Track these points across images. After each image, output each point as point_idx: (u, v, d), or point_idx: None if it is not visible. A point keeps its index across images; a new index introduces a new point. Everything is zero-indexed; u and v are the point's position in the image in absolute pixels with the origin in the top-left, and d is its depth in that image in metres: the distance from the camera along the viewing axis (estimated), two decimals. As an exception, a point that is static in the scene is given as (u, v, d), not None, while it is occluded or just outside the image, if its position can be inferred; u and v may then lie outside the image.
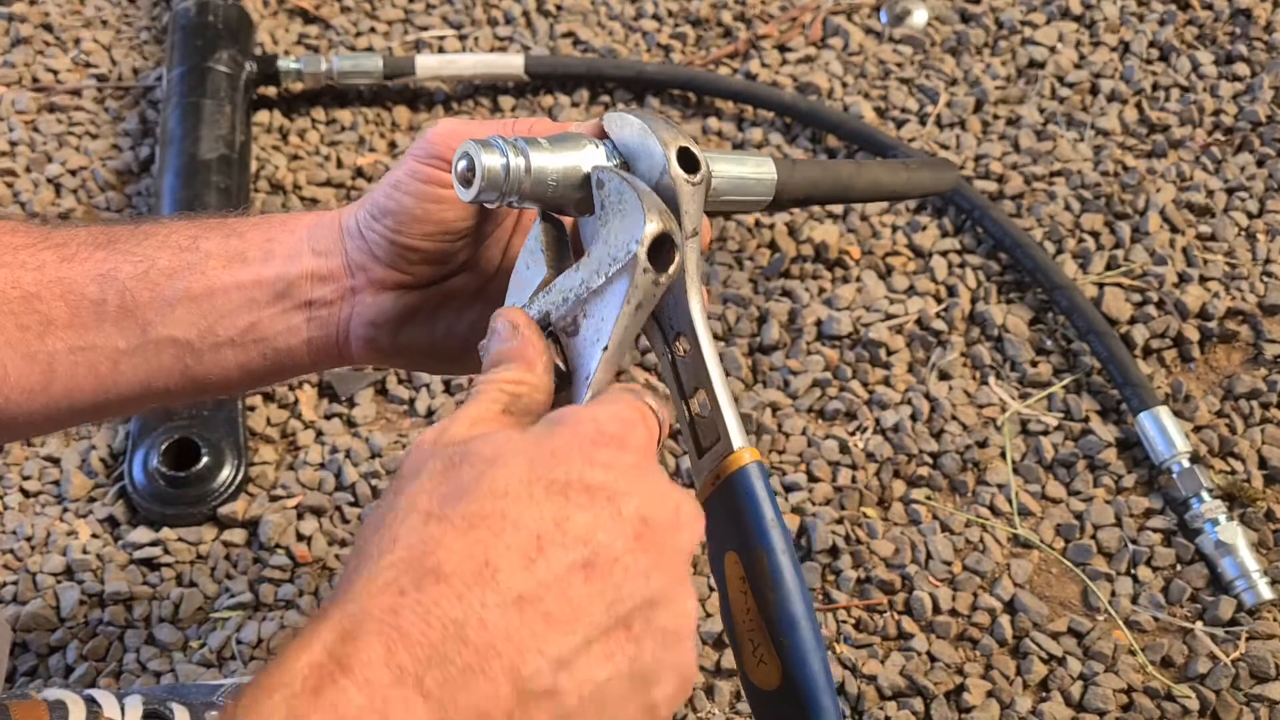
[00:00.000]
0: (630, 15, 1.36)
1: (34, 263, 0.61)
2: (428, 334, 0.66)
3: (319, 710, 0.37)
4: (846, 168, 0.62)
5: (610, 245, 0.53)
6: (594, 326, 0.52)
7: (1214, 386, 1.07)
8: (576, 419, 0.46)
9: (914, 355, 1.09)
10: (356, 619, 0.40)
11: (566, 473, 0.43)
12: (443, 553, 0.41)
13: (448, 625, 0.40)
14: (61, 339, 0.61)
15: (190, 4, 1.27)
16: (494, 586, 0.40)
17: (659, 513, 0.44)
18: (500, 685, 0.40)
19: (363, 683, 0.38)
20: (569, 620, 0.41)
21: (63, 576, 0.98)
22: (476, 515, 0.42)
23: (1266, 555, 0.97)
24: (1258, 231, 1.15)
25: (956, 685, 0.91)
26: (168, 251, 0.63)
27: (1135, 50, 1.29)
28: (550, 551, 0.42)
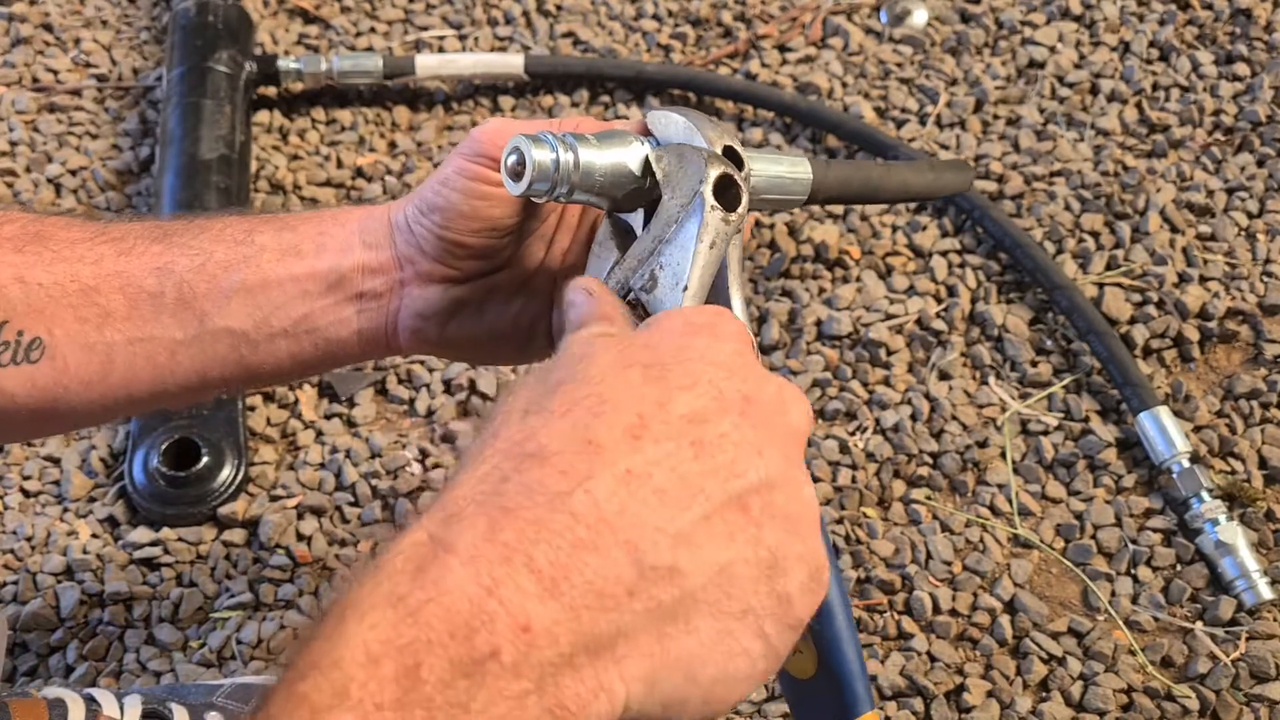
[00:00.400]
0: (630, 15, 1.36)
1: (91, 256, 0.63)
2: (474, 326, 0.67)
3: (420, 587, 0.36)
4: (876, 169, 0.64)
5: (676, 196, 0.55)
6: (671, 272, 0.54)
7: (1214, 386, 1.07)
8: (662, 317, 0.46)
9: (914, 355, 1.09)
10: (458, 503, 0.39)
11: (661, 358, 0.42)
12: (543, 436, 0.40)
13: (554, 500, 0.38)
14: (120, 330, 0.62)
15: (190, 4, 1.27)
16: (600, 461, 0.39)
17: (762, 393, 0.43)
18: (617, 561, 0.38)
19: (467, 559, 0.37)
20: (683, 496, 0.39)
21: (63, 576, 0.98)
22: (574, 400, 0.41)
23: (1266, 555, 0.97)
24: (1258, 231, 1.15)
25: (956, 685, 0.91)
26: (223, 245, 0.64)
27: (1135, 50, 1.29)
28: (654, 428, 0.40)
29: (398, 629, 0.36)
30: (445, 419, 1.06)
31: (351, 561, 0.94)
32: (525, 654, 0.36)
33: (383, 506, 1.01)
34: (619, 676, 0.38)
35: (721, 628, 0.39)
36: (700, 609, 0.39)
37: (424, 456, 1.04)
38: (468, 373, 1.08)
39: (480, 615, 0.36)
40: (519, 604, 0.36)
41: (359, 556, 0.99)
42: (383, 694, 0.35)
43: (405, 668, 0.35)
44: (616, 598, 0.37)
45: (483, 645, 0.36)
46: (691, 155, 0.55)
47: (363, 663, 0.35)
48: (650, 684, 0.38)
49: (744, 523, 0.40)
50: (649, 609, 0.38)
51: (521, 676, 0.36)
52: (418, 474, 1.02)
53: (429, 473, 1.02)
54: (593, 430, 0.40)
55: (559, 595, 0.37)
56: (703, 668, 0.39)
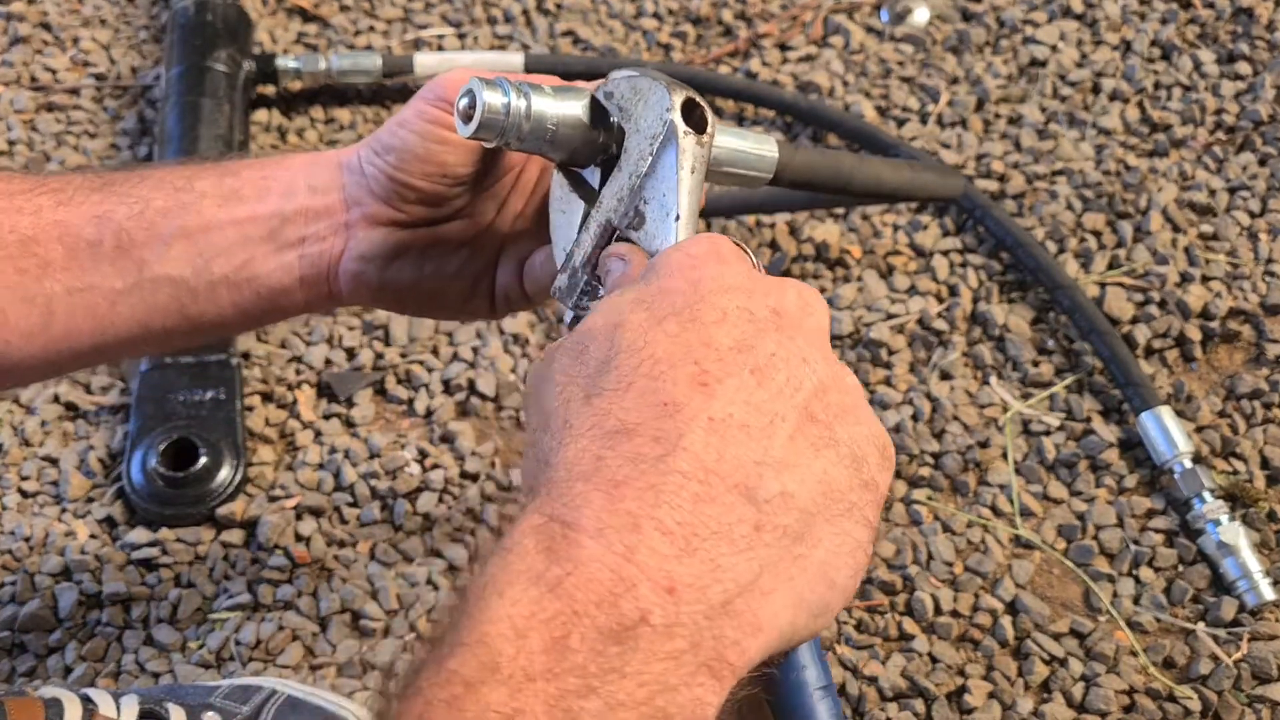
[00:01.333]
0: (630, 14, 1.36)
1: (30, 207, 0.62)
2: (414, 273, 0.67)
3: (556, 563, 0.37)
4: (849, 159, 0.63)
5: (642, 130, 0.54)
6: (658, 205, 0.54)
7: (1216, 386, 1.06)
8: (664, 260, 0.47)
9: (915, 355, 1.09)
10: (565, 485, 0.40)
11: (685, 300, 0.44)
12: (619, 413, 0.41)
13: (658, 464, 0.39)
14: (59, 280, 0.62)
15: (189, 3, 1.27)
16: (683, 418, 0.40)
17: (785, 301, 0.45)
18: (736, 505, 0.39)
19: (595, 532, 0.38)
20: (764, 424, 0.41)
21: (61, 577, 0.97)
22: (629, 372, 0.42)
23: (1269, 556, 0.97)
24: (1260, 231, 1.15)
25: (958, 686, 0.91)
26: (163, 192, 0.64)
27: (1137, 49, 1.29)
28: (714, 370, 0.42)
29: (540, 603, 0.36)
30: (444, 419, 1.06)
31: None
32: (675, 613, 0.37)
33: (381, 507, 1.01)
34: (770, 607, 0.39)
35: (837, 530, 0.42)
36: (817, 521, 0.41)
37: (423, 457, 1.03)
38: (467, 373, 1.08)
39: (622, 583, 0.37)
40: (658, 566, 0.37)
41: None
42: (533, 665, 0.35)
43: (553, 639, 0.36)
44: (749, 537, 0.39)
45: (630, 610, 0.36)
46: (648, 86, 0.55)
47: (510, 637, 0.36)
48: (797, 604, 0.40)
49: (819, 430, 0.42)
50: (777, 537, 0.40)
51: (675, 636, 0.37)
52: (416, 474, 1.02)
53: (428, 473, 1.02)
54: (662, 392, 0.41)
55: (694, 551, 0.38)
56: (837, 572, 0.42)
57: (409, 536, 0.99)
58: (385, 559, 0.98)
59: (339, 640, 0.94)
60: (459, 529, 0.99)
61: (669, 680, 0.36)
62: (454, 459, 1.03)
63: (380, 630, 0.94)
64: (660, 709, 0.36)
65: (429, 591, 0.96)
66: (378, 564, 0.98)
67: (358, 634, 0.95)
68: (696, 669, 0.37)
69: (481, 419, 1.06)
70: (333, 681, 0.91)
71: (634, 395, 0.41)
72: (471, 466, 1.03)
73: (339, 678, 0.92)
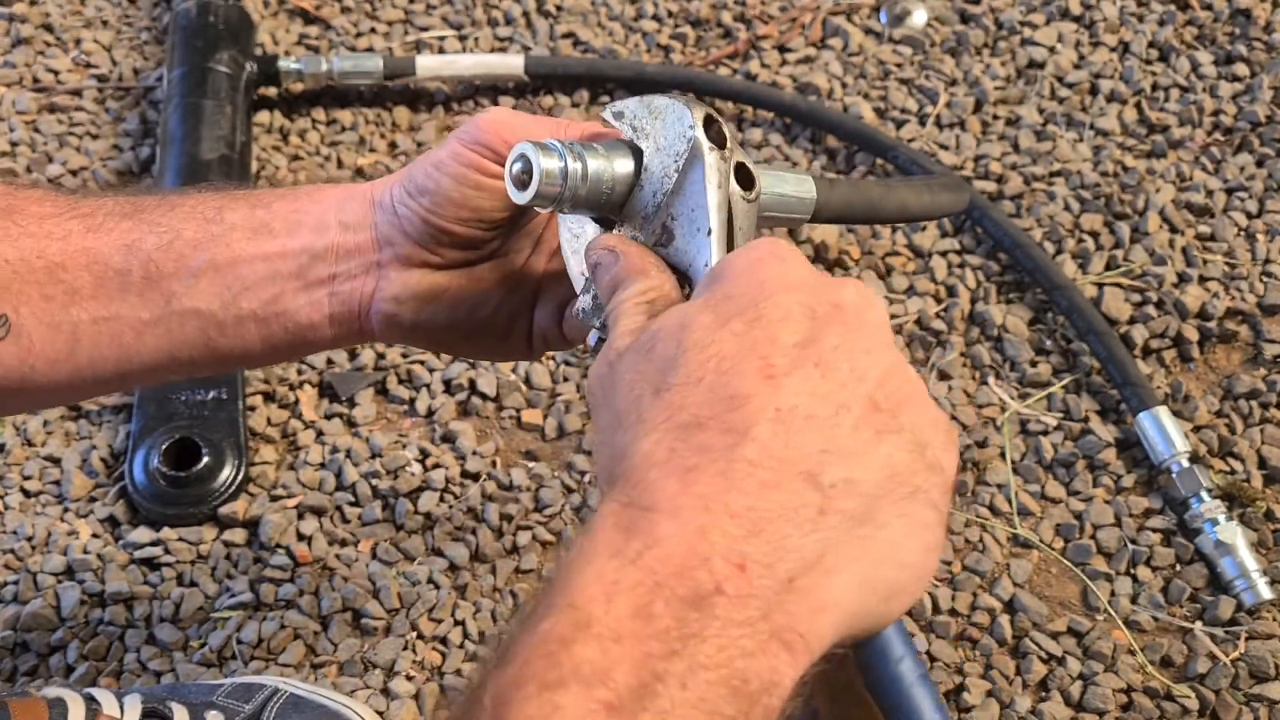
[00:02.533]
0: (630, 16, 1.36)
1: (59, 233, 0.62)
2: (449, 315, 0.66)
3: (635, 539, 0.40)
4: (877, 189, 0.64)
5: (663, 149, 0.54)
6: (687, 221, 0.53)
7: (1213, 386, 1.07)
8: (727, 265, 0.48)
9: (914, 355, 1.09)
10: (641, 473, 0.42)
11: (750, 300, 0.45)
12: (691, 407, 0.43)
13: (728, 453, 0.41)
14: (86, 309, 0.61)
15: (191, 4, 1.27)
16: (751, 410, 0.42)
17: (844, 297, 0.46)
18: (800, 490, 0.41)
19: (670, 512, 0.40)
20: (829, 414, 0.43)
21: (63, 576, 0.98)
22: (697, 368, 0.44)
23: (1266, 555, 0.97)
24: (1257, 231, 1.15)
25: (956, 685, 0.91)
26: (193, 223, 0.63)
27: (1135, 50, 1.30)
28: (779, 364, 0.43)
29: (623, 573, 0.39)
30: (445, 419, 1.06)
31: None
32: (746, 586, 0.39)
33: (383, 506, 1.01)
34: (832, 586, 0.41)
35: (902, 512, 0.43)
36: (882, 505, 0.43)
37: (424, 456, 1.04)
38: (468, 373, 1.08)
39: (696, 557, 0.39)
40: (728, 545, 0.39)
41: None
42: (621, 627, 0.38)
43: (638, 604, 0.38)
44: (813, 520, 0.41)
45: (706, 581, 0.39)
46: (664, 105, 0.54)
47: (599, 599, 0.38)
48: (864, 584, 0.42)
49: (882, 418, 0.44)
50: (842, 521, 0.42)
51: (748, 606, 0.39)
52: (418, 474, 1.02)
53: (429, 472, 1.02)
54: (731, 386, 0.43)
55: (761, 532, 0.40)
56: (904, 552, 0.43)
57: (410, 536, 1.00)
58: (387, 558, 0.98)
59: (340, 639, 0.94)
60: (460, 528, 1.00)
61: (745, 645, 0.38)
62: (455, 458, 1.04)
63: (381, 629, 0.95)
64: (739, 671, 0.38)
65: (430, 590, 0.96)
66: (379, 563, 0.98)
67: (359, 633, 0.95)
68: (770, 638, 0.39)
69: (482, 419, 1.07)
70: (334, 680, 0.92)
71: (704, 389, 0.43)
72: (472, 466, 1.03)
73: (340, 676, 0.92)
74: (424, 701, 0.91)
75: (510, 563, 0.98)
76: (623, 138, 0.56)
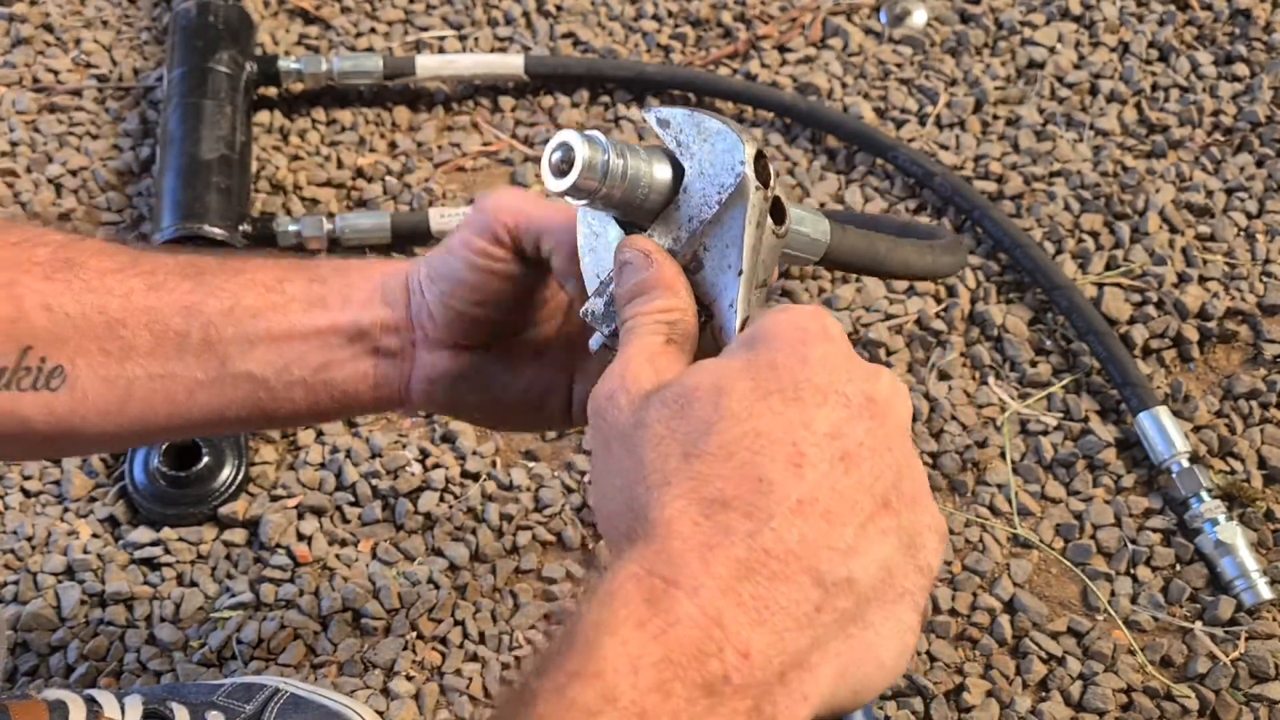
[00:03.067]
0: (630, 16, 1.36)
1: (121, 289, 0.63)
2: (483, 393, 0.67)
3: (658, 614, 0.41)
4: (884, 244, 0.64)
5: (709, 175, 0.53)
6: (719, 255, 0.53)
7: (1213, 386, 1.07)
8: (775, 329, 0.48)
9: (914, 355, 1.09)
10: (664, 540, 0.43)
11: (793, 378, 0.46)
12: (719, 481, 0.44)
13: (748, 540, 0.42)
14: (141, 366, 0.62)
15: (191, 4, 1.27)
16: (774, 499, 0.43)
17: (877, 389, 0.47)
18: (805, 586, 0.43)
19: (691, 591, 0.41)
20: (845, 512, 0.44)
21: (63, 576, 0.98)
22: (731, 442, 0.44)
23: (1266, 555, 0.97)
24: (1257, 232, 1.15)
25: (956, 685, 0.91)
26: (254, 291, 0.65)
27: (1135, 51, 1.30)
28: (809, 454, 0.44)
29: (647, 647, 0.40)
30: (445, 419, 1.06)
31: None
32: (748, 676, 0.41)
33: (383, 506, 1.01)
34: (815, 680, 0.43)
35: (889, 615, 0.45)
36: (872, 605, 0.44)
37: (424, 456, 1.04)
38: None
39: (711, 642, 0.41)
40: (738, 633, 0.41)
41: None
42: (644, 702, 0.39)
43: (661, 681, 0.40)
44: (809, 616, 0.42)
45: (716, 668, 0.40)
46: (716, 129, 0.53)
47: (625, 673, 0.40)
48: (841, 678, 0.43)
49: (890, 519, 0.45)
50: (835, 619, 0.43)
51: (745, 696, 0.41)
52: (418, 474, 1.02)
53: (429, 472, 1.02)
54: (760, 468, 0.44)
55: (765, 623, 0.42)
56: (884, 654, 0.44)
57: (410, 535, 1.00)
58: (386, 558, 0.98)
59: (340, 639, 0.94)
60: (460, 528, 1.00)
61: None
62: (455, 458, 1.04)
63: (381, 629, 0.95)
64: None
65: (430, 590, 0.96)
66: (379, 563, 0.98)
67: (359, 633, 0.95)
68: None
69: (482, 419, 1.07)
70: (334, 680, 0.92)
71: (734, 466, 0.44)
72: (472, 466, 1.03)
73: (340, 676, 0.92)
74: (424, 701, 0.91)
75: (510, 563, 0.98)
76: (664, 146, 0.55)
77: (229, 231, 1.11)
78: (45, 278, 0.61)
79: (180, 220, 1.11)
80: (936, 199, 1.19)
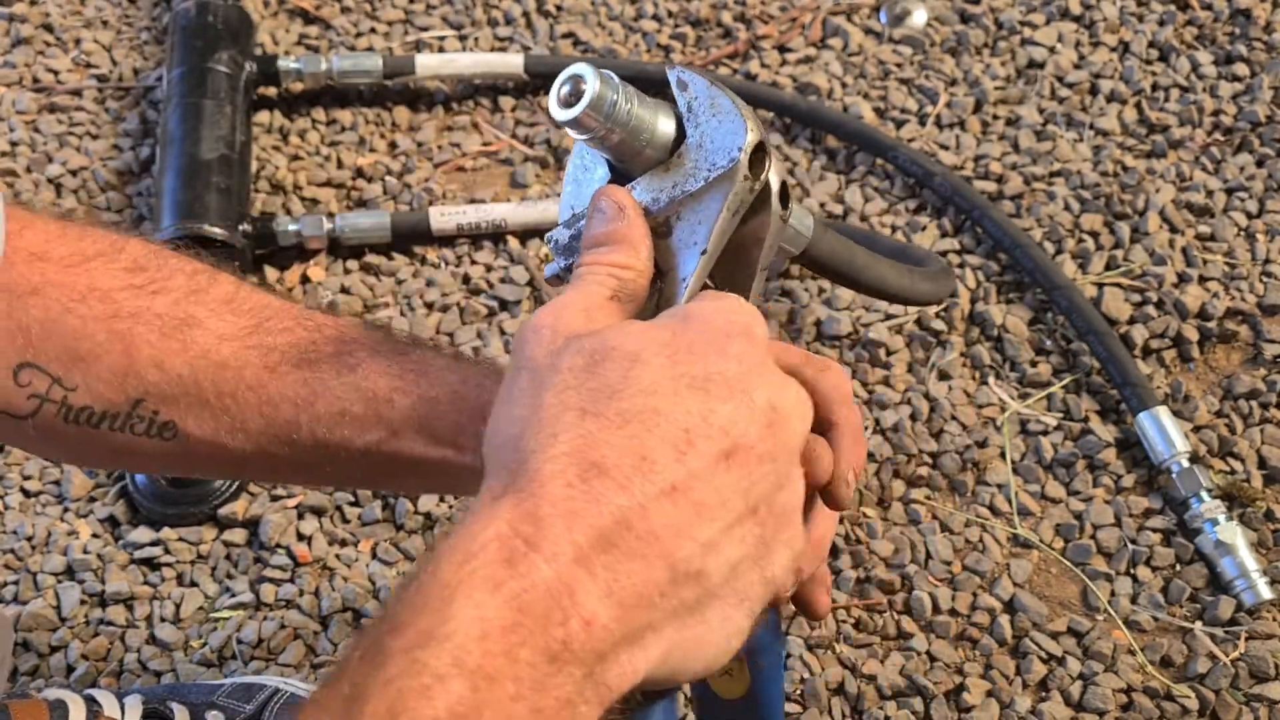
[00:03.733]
0: (630, 16, 1.36)
1: (235, 362, 0.62)
2: None
3: (514, 577, 0.41)
4: (863, 256, 0.64)
5: (706, 150, 0.53)
6: (689, 229, 0.53)
7: (1213, 386, 1.07)
8: (705, 314, 0.48)
9: (913, 355, 1.09)
10: (535, 500, 0.43)
11: (705, 367, 0.46)
12: (604, 448, 0.44)
13: (616, 512, 0.43)
14: (252, 441, 0.63)
15: (190, 4, 1.27)
16: (651, 478, 0.44)
17: (783, 400, 0.48)
18: (657, 569, 0.43)
19: (550, 557, 0.42)
20: (715, 507, 0.45)
21: (63, 576, 0.98)
22: (630, 412, 0.45)
23: (1266, 555, 0.97)
24: (1257, 231, 1.15)
25: (956, 685, 0.91)
26: (363, 402, 0.63)
27: (1135, 50, 1.30)
28: (698, 443, 0.45)
29: (500, 611, 0.41)
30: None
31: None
32: (587, 645, 0.42)
33: (383, 506, 1.01)
34: (644, 659, 0.43)
35: (726, 615, 0.46)
36: (714, 603, 0.45)
37: (424, 456, 1.04)
38: (468, 373, 1.08)
39: (559, 610, 0.41)
40: (586, 603, 0.42)
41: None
42: (491, 666, 0.40)
43: (509, 646, 0.40)
44: (652, 599, 0.43)
45: (560, 634, 0.41)
46: (728, 108, 0.53)
47: (476, 637, 0.40)
48: (664, 660, 0.44)
49: (754, 526, 0.46)
50: (675, 607, 0.44)
51: (583, 664, 0.42)
52: (418, 474, 1.02)
53: (429, 473, 1.02)
54: (647, 445, 0.44)
55: (612, 596, 0.42)
56: (710, 649, 0.45)
57: (410, 535, 1.00)
58: (387, 558, 0.98)
59: (340, 639, 0.94)
60: (460, 528, 1.00)
61: (570, 696, 0.42)
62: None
63: (382, 629, 0.95)
64: (561, 718, 0.42)
65: (430, 591, 0.96)
66: (379, 563, 0.98)
67: (359, 633, 0.95)
68: (589, 691, 0.42)
69: (482, 419, 1.07)
70: (334, 680, 0.92)
71: (624, 436, 0.44)
72: (472, 466, 1.03)
73: (341, 676, 0.92)
74: (424, 701, 0.91)
75: (510, 563, 0.98)
76: (675, 106, 0.55)
77: (229, 231, 1.11)
78: (161, 334, 0.61)
79: (180, 220, 1.11)
80: (936, 199, 1.19)
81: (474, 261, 1.17)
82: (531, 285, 1.15)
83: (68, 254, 0.61)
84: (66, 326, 0.60)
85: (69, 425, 0.61)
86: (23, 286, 0.60)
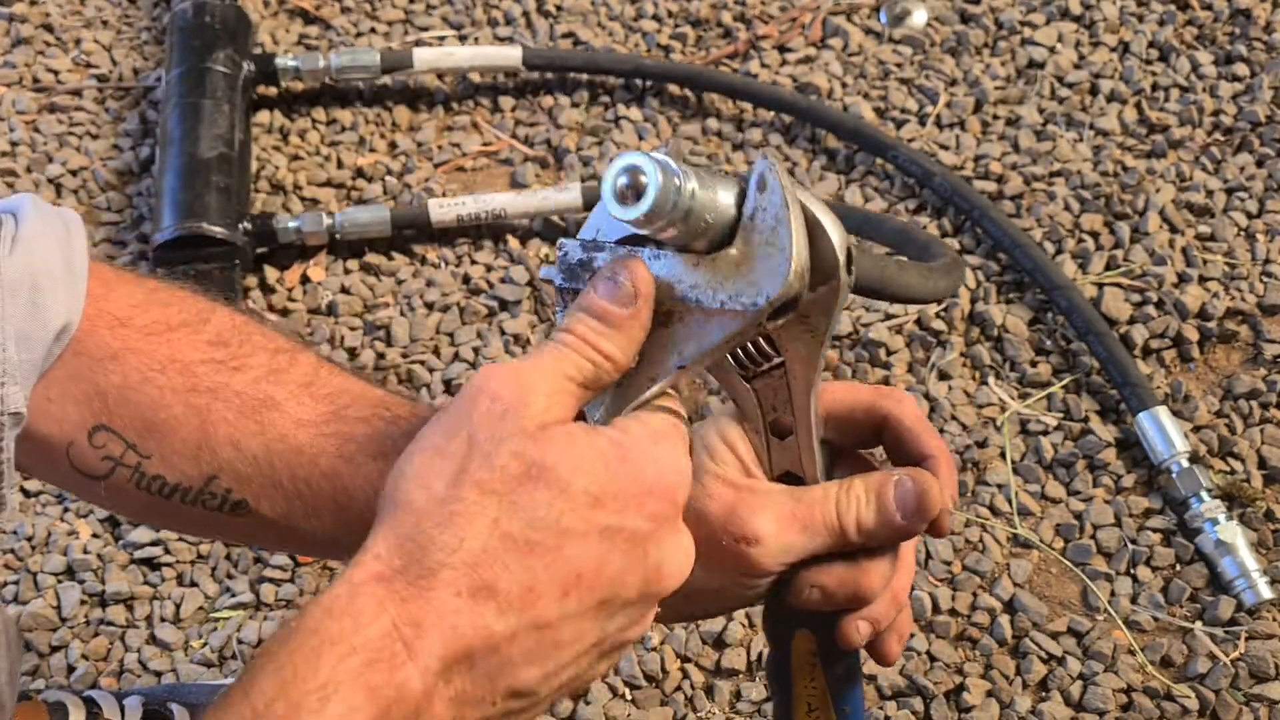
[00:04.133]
0: (630, 16, 1.36)
1: (311, 449, 0.62)
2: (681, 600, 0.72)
3: (388, 686, 0.45)
4: (891, 268, 0.62)
5: (740, 279, 0.49)
6: (684, 334, 0.50)
7: (1213, 386, 1.07)
8: (643, 460, 0.49)
9: (914, 355, 1.09)
10: (422, 604, 0.46)
11: (621, 520, 0.48)
12: (500, 569, 0.46)
13: (487, 638, 0.46)
14: (322, 524, 0.63)
15: (187, 5, 1.27)
16: (528, 611, 0.47)
17: (672, 564, 0.50)
18: (499, 687, 0.47)
19: (423, 669, 0.45)
20: (570, 644, 0.48)
21: (64, 576, 0.98)
22: (537, 543, 0.47)
23: (1266, 555, 0.97)
24: (1257, 231, 1.15)
25: (956, 685, 0.91)
26: None
27: (1135, 50, 1.30)
28: (582, 590, 0.48)
29: (368, 713, 0.44)
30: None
31: None
32: None
33: (383, 506, 1.01)
34: None
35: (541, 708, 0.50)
36: (535, 708, 0.50)
37: (424, 456, 1.04)
38: (468, 373, 1.08)
39: (415, 714, 0.46)
40: (436, 706, 0.46)
41: None
42: None
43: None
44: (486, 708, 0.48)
45: None
46: (782, 244, 0.48)
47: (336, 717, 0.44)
48: None
49: (595, 654, 0.50)
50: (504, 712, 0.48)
51: None
52: (418, 474, 1.02)
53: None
54: (539, 579, 0.47)
55: (461, 705, 0.47)
56: None
57: (410, 536, 1.00)
58: (387, 558, 0.98)
59: (341, 639, 0.94)
60: (460, 528, 1.00)
61: None
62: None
63: (382, 629, 0.95)
64: None
65: (430, 591, 0.96)
66: (379, 563, 0.98)
67: (359, 633, 0.95)
68: None
69: (482, 419, 1.07)
70: (334, 680, 0.92)
71: (522, 564, 0.46)
72: (472, 466, 1.03)
73: (341, 676, 0.92)
74: (424, 702, 0.91)
75: (510, 563, 0.98)
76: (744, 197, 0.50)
77: (229, 229, 1.11)
78: (239, 413, 0.60)
79: (180, 219, 1.11)
80: (936, 199, 1.19)
81: (474, 261, 1.17)
82: (532, 285, 1.15)
83: (151, 321, 0.61)
84: (144, 395, 0.60)
85: (140, 492, 0.61)
86: (103, 351, 0.60)
